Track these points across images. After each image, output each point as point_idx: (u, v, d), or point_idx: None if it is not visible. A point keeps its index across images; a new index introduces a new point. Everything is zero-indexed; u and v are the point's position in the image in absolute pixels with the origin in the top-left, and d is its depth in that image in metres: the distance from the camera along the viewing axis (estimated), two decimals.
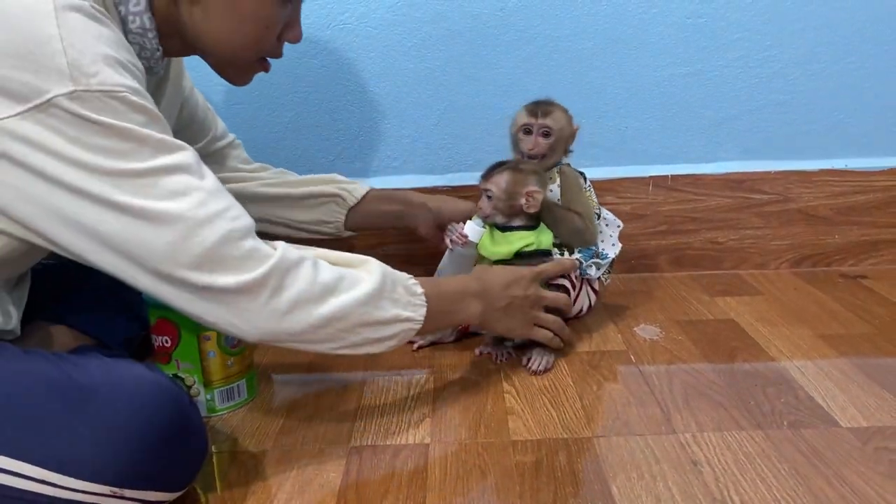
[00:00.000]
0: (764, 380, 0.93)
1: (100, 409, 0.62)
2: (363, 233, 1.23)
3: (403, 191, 1.18)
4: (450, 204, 1.14)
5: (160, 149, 0.65)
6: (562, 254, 1.04)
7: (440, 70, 1.30)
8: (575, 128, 1.08)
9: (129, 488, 0.62)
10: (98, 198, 0.63)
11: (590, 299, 1.12)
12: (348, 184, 1.14)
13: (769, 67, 1.29)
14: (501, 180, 0.97)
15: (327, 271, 0.74)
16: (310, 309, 0.71)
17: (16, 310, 0.78)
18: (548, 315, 0.98)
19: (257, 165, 1.15)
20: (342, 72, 1.30)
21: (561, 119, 1.06)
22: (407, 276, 0.81)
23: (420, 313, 0.79)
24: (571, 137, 1.09)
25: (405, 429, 0.85)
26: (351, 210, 1.12)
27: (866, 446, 0.77)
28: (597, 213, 1.08)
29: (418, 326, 0.80)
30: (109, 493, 0.61)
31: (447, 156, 1.34)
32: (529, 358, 0.99)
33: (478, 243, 1.01)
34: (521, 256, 0.98)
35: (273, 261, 0.69)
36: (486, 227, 1.01)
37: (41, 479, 0.60)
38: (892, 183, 1.33)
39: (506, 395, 0.91)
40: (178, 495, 0.69)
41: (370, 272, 0.77)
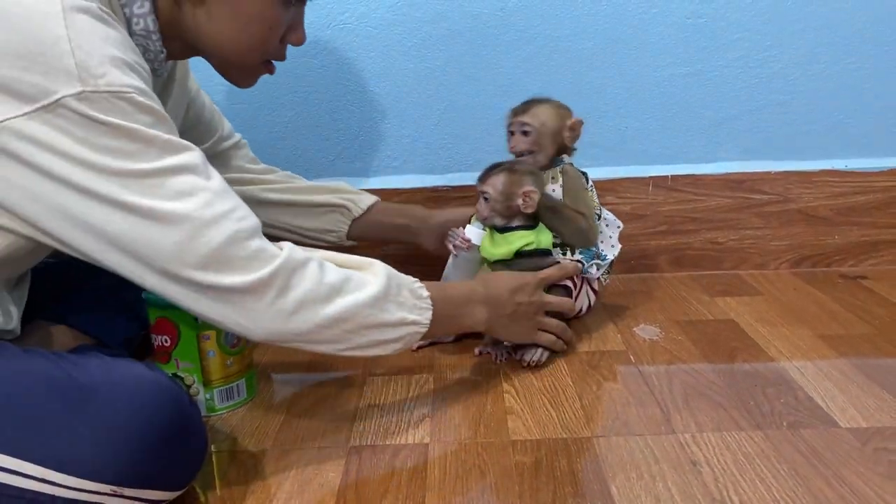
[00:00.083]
0: (763, 380, 0.93)
1: (100, 409, 0.62)
2: None
3: (409, 205, 1.18)
4: (455, 215, 1.13)
5: (167, 149, 0.66)
6: (563, 253, 1.04)
7: (440, 70, 1.30)
8: (568, 122, 1.05)
9: (129, 487, 0.62)
10: (105, 198, 0.63)
11: (589, 299, 1.12)
12: (354, 194, 1.14)
13: (769, 68, 1.29)
14: (497, 182, 0.97)
15: (333, 272, 0.74)
16: (316, 309, 0.71)
17: (16, 309, 0.78)
18: (551, 319, 0.99)
19: (264, 167, 1.15)
20: (342, 71, 1.30)
21: (541, 115, 1.04)
22: (412, 279, 0.81)
23: (426, 317, 0.80)
24: (562, 133, 1.05)
25: (405, 428, 0.85)
26: (355, 221, 1.12)
27: (866, 447, 0.77)
28: (597, 214, 1.08)
29: (424, 330, 0.80)
30: (110, 491, 0.61)
31: (447, 156, 1.35)
32: (523, 353, 0.99)
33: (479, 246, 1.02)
34: (521, 256, 0.98)
35: (279, 261, 0.69)
36: (486, 229, 1.01)
37: (41, 477, 0.60)
38: (892, 183, 1.33)
39: (505, 395, 0.92)
40: (178, 494, 0.69)
41: (376, 274, 0.77)
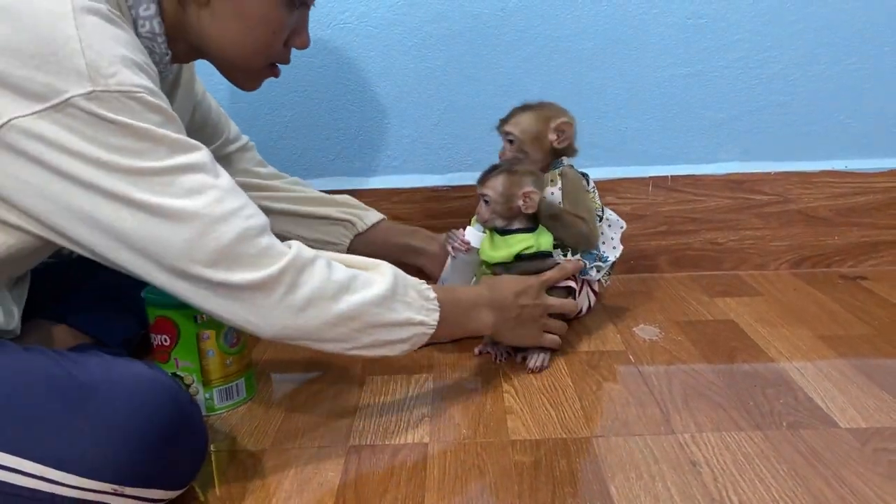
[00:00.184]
0: (763, 381, 0.93)
1: (100, 407, 0.62)
2: None
3: (414, 227, 1.18)
4: None
5: (176, 148, 0.66)
6: (565, 254, 1.04)
7: (440, 70, 1.30)
8: (552, 125, 1.03)
9: (130, 486, 0.62)
10: (115, 195, 0.64)
11: (590, 300, 1.12)
12: (360, 209, 1.14)
13: (769, 68, 1.29)
14: (497, 184, 0.97)
15: (341, 271, 0.74)
16: (324, 306, 0.72)
17: (17, 308, 0.78)
18: (555, 321, 0.99)
19: (271, 171, 1.15)
20: (342, 71, 1.30)
21: (522, 122, 1.04)
22: (419, 280, 0.82)
23: (433, 318, 0.80)
24: (545, 136, 1.03)
25: (404, 428, 0.85)
26: (358, 236, 1.12)
27: (865, 447, 0.77)
28: (599, 215, 1.08)
29: (431, 331, 0.80)
30: (110, 490, 0.61)
31: (447, 155, 1.34)
32: (525, 356, 0.99)
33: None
34: (521, 259, 0.98)
35: (288, 258, 0.70)
36: (486, 231, 1.01)
37: (41, 475, 0.60)
38: (892, 184, 1.33)
39: (505, 395, 0.91)
40: (178, 493, 0.69)
41: (383, 274, 0.78)
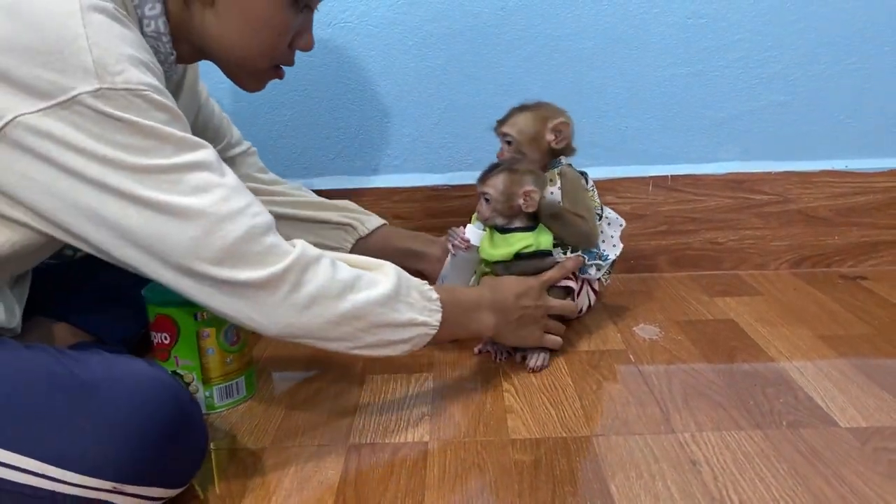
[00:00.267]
0: (763, 380, 0.93)
1: (101, 405, 0.62)
2: None
3: (415, 232, 1.17)
4: None
5: (182, 146, 0.66)
6: (565, 252, 1.04)
7: (441, 69, 1.30)
8: (550, 125, 1.03)
9: (130, 484, 0.62)
10: (122, 193, 0.64)
11: (589, 299, 1.12)
12: (362, 214, 1.14)
13: (770, 68, 1.29)
14: (498, 182, 0.97)
15: (345, 270, 0.75)
16: (328, 305, 0.72)
17: (18, 307, 0.78)
18: (554, 322, 1.00)
19: (273, 177, 1.15)
20: (343, 70, 1.30)
21: (518, 123, 1.04)
22: (422, 281, 0.82)
23: (435, 318, 0.80)
24: (543, 137, 1.03)
25: (404, 426, 0.85)
26: (359, 241, 1.12)
27: (865, 446, 0.77)
28: (598, 214, 1.08)
29: (433, 332, 0.80)
30: (110, 488, 0.61)
31: (447, 154, 1.34)
32: (525, 355, 1.00)
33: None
34: (520, 258, 0.98)
35: (293, 257, 0.70)
36: (486, 229, 1.01)
37: (41, 473, 0.60)
38: (892, 184, 1.33)
39: (505, 394, 0.91)
40: (178, 492, 0.69)
41: (386, 274, 0.78)
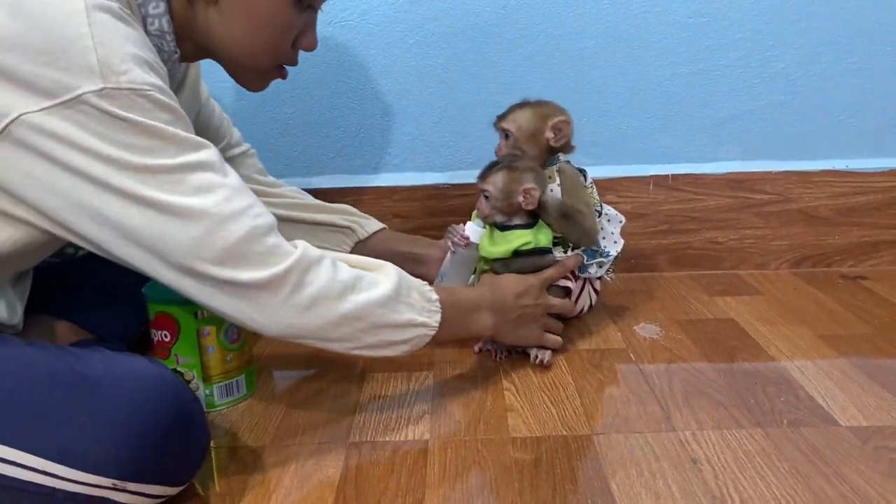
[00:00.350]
0: (764, 379, 0.93)
1: (102, 403, 0.62)
2: None
3: (415, 236, 1.18)
4: None
5: (185, 146, 0.66)
6: (565, 251, 1.04)
7: (441, 67, 1.30)
8: (550, 123, 1.02)
9: (132, 481, 0.62)
10: (124, 192, 0.64)
11: (591, 299, 1.12)
12: (361, 218, 1.14)
13: (771, 67, 1.29)
14: (498, 180, 0.97)
15: (346, 271, 0.75)
16: (329, 306, 0.72)
17: (19, 304, 0.78)
18: (555, 321, 1.00)
19: (272, 180, 1.15)
20: (343, 68, 1.30)
21: (518, 119, 1.04)
22: (422, 282, 0.82)
23: (435, 319, 0.80)
24: (542, 134, 1.03)
25: (404, 425, 0.85)
26: (358, 243, 1.12)
27: (866, 445, 0.77)
28: (598, 211, 1.08)
29: (432, 333, 0.80)
30: (111, 485, 0.61)
31: (448, 153, 1.34)
32: (530, 355, 1.00)
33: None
34: (519, 255, 0.98)
35: (294, 257, 0.70)
36: (486, 226, 1.01)
37: (43, 469, 0.60)
38: (892, 184, 1.33)
39: (505, 392, 0.91)
40: (179, 490, 0.69)
41: (387, 275, 0.78)
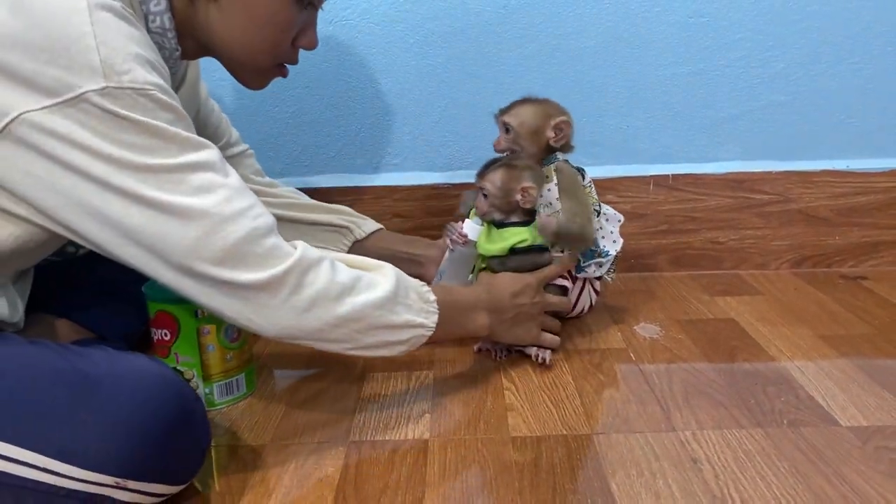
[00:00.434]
0: (764, 379, 0.93)
1: (104, 401, 0.62)
2: None
3: (412, 236, 1.18)
4: None
5: (186, 146, 0.66)
6: (562, 250, 1.04)
7: (442, 67, 1.30)
8: (552, 122, 1.02)
9: (133, 480, 0.62)
10: (125, 191, 0.64)
11: (591, 299, 1.12)
12: (359, 218, 1.14)
13: (771, 67, 1.29)
14: (496, 178, 0.97)
15: (345, 272, 0.75)
16: (328, 307, 0.72)
17: (21, 302, 0.78)
18: (552, 319, 1.00)
19: (269, 180, 1.15)
20: (343, 68, 1.30)
21: (521, 114, 1.03)
22: (419, 282, 0.82)
23: (432, 320, 0.80)
24: (543, 132, 1.02)
25: (404, 424, 0.84)
26: (356, 243, 1.12)
27: (866, 445, 0.77)
28: (596, 210, 1.08)
29: (429, 333, 0.81)
30: (113, 483, 0.61)
31: (448, 153, 1.34)
32: (531, 355, 1.00)
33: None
34: (515, 252, 0.98)
35: (293, 259, 0.70)
36: (484, 224, 1.01)
37: (45, 467, 0.60)
38: (893, 184, 1.33)
39: (505, 392, 0.91)
40: (180, 489, 0.69)
41: (385, 276, 0.78)
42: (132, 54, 0.64)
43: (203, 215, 0.66)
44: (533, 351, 0.99)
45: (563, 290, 1.04)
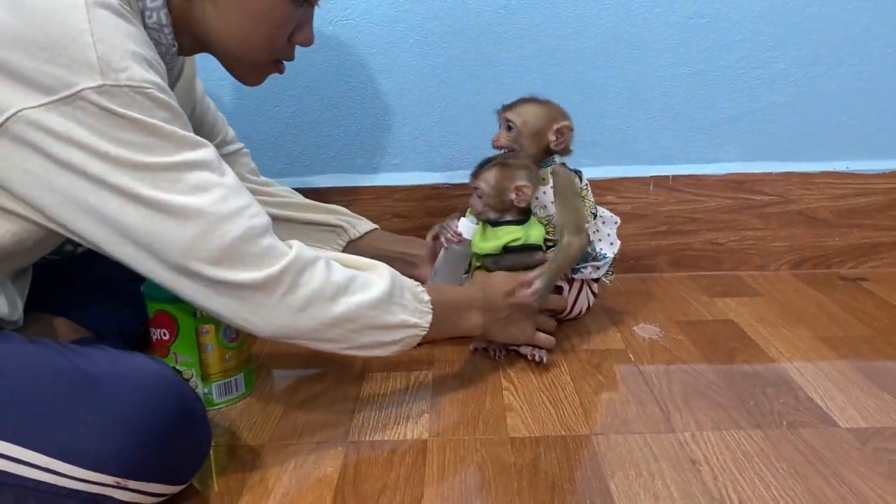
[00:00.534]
0: (763, 380, 0.93)
1: (105, 401, 0.62)
2: None
3: (407, 236, 1.18)
4: None
5: (183, 145, 0.66)
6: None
7: (442, 67, 1.30)
8: (555, 126, 1.01)
9: (133, 479, 0.62)
10: (121, 190, 0.64)
11: (588, 301, 1.12)
12: (353, 218, 1.14)
13: (771, 68, 1.29)
14: (490, 176, 0.97)
15: (340, 272, 0.75)
16: (323, 307, 0.72)
17: (20, 300, 0.78)
18: (547, 318, 1.00)
19: (264, 179, 1.15)
20: (344, 68, 1.30)
21: (526, 113, 1.02)
22: (414, 282, 0.82)
23: (426, 320, 0.81)
24: (546, 135, 1.02)
25: (403, 424, 0.84)
26: (350, 243, 1.12)
27: (865, 447, 0.77)
28: (593, 213, 1.07)
29: (423, 333, 0.81)
30: (113, 483, 0.61)
31: (448, 153, 1.34)
32: (526, 354, 1.00)
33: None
34: (509, 251, 0.98)
35: (289, 259, 0.70)
36: (479, 223, 1.01)
37: (45, 466, 0.60)
38: (892, 186, 1.33)
39: (504, 392, 0.91)
40: (180, 489, 0.68)
41: (381, 276, 0.78)
42: (129, 52, 0.64)
43: (199, 214, 0.65)
44: (528, 350, 0.99)
45: (559, 290, 1.04)
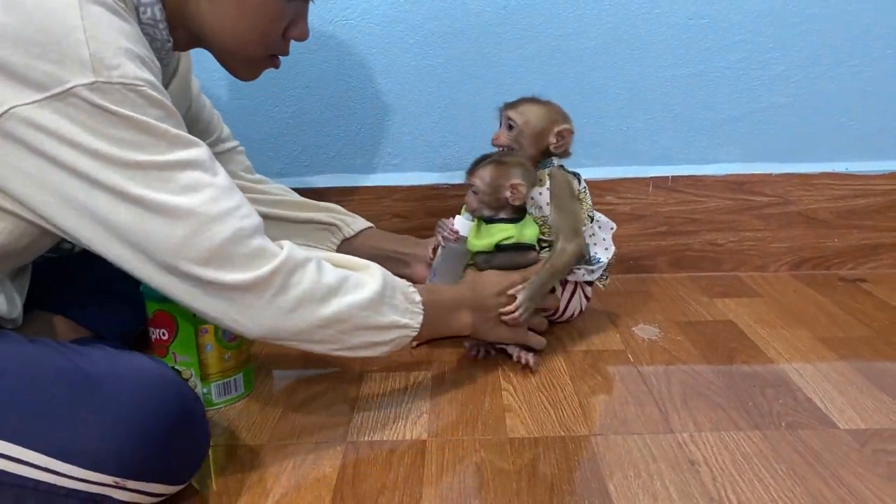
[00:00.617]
0: (762, 381, 0.93)
1: (104, 400, 0.62)
2: None
3: (401, 235, 1.18)
4: None
5: (175, 144, 0.66)
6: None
7: (442, 67, 1.30)
8: (556, 129, 1.01)
9: (132, 479, 0.62)
10: (112, 188, 0.63)
11: (581, 304, 1.11)
12: (348, 216, 1.14)
13: (771, 69, 1.29)
14: (485, 174, 0.97)
15: (331, 273, 0.75)
16: (313, 309, 0.72)
17: (19, 298, 0.78)
18: (539, 318, 1.00)
19: (258, 177, 1.15)
20: (344, 68, 1.30)
21: (528, 114, 1.02)
22: (405, 282, 0.83)
23: (417, 321, 0.81)
24: (546, 136, 1.01)
25: (402, 424, 0.84)
26: (344, 241, 1.12)
27: (864, 448, 0.77)
28: (590, 216, 1.06)
29: (414, 334, 0.81)
30: (112, 483, 0.61)
31: (448, 153, 1.34)
32: (514, 356, 0.99)
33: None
34: (502, 249, 0.98)
35: (279, 260, 0.70)
36: (475, 220, 1.01)
37: (44, 466, 0.59)
38: (892, 187, 1.33)
39: (503, 393, 0.91)
40: (179, 489, 0.68)
41: (372, 276, 0.78)
42: (122, 49, 0.64)
43: (189, 214, 0.65)
44: (515, 352, 0.98)
45: (552, 290, 1.03)
